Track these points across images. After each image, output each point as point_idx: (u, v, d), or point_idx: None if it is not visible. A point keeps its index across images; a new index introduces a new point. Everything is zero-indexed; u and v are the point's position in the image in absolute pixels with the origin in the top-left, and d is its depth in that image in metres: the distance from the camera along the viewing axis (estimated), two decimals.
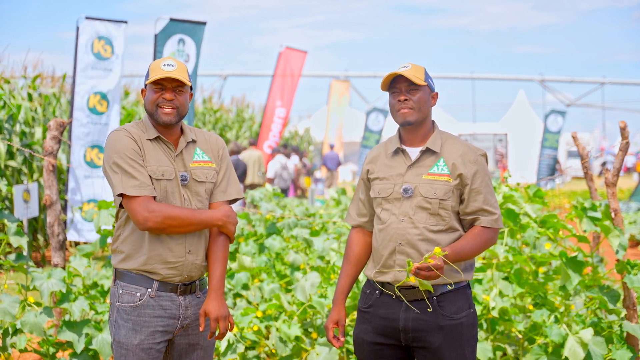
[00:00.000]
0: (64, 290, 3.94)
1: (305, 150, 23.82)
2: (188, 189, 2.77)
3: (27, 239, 3.90)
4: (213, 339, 2.87)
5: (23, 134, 10.07)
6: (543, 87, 26.44)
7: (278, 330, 4.08)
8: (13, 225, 3.91)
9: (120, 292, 2.75)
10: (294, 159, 17.82)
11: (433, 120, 2.91)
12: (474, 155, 2.83)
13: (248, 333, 4.10)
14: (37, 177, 9.95)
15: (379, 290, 2.84)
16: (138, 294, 2.73)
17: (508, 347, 4.23)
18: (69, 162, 8.00)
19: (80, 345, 3.90)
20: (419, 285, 2.58)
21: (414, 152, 2.86)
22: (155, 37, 8.40)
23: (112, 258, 2.82)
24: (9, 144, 9.25)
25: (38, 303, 4.02)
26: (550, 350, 3.87)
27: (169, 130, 2.79)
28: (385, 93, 2.89)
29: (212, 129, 19.46)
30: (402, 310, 2.79)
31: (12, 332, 3.94)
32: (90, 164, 7.93)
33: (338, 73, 24.13)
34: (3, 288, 4.00)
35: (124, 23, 8.17)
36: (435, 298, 2.77)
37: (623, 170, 28.87)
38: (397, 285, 2.74)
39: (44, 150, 4.68)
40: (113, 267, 2.81)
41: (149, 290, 2.72)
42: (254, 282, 4.71)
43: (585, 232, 4.00)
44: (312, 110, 31.43)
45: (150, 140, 2.75)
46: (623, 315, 3.98)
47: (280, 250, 5.20)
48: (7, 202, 9.19)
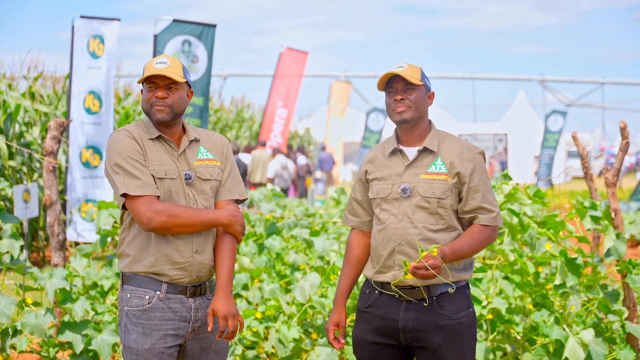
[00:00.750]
0: (68, 288, 3.91)
1: (306, 150, 23.81)
2: (193, 188, 2.72)
3: (22, 242, 3.88)
4: (226, 342, 2.82)
5: (22, 134, 10.07)
6: (543, 87, 26.44)
7: (277, 332, 4.07)
8: (8, 228, 3.89)
9: (129, 296, 2.69)
10: (302, 159, 17.87)
11: (430, 120, 2.91)
12: (471, 154, 2.82)
13: (247, 334, 4.10)
14: (36, 177, 9.95)
15: (378, 290, 2.84)
16: (147, 297, 2.67)
17: (508, 347, 4.23)
18: (68, 162, 8.00)
19: (80, 346, 3.88)
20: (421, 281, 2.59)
21: (412, 151, 2.85)
22: (155, 37, 8.38)
23: (118, 263, 2.76)
24: (9, 144, 9.24)
25: (36, 303, 4.02)
26: (552, 351, 3.86)
27: (170, 129, 2.75)
28: None
29: (212, 129, 19.46)
30: (401, 310, 2.79)
31: (12, 333, 3.93)
32: (86, 165, 7.93)
33: (338, 73, 24.12)
34: (1, 289, 3.99)
35: (117, 21, 8.16)
36: (435, 298, 2.76)
37: (629, 168, 28.86)
38: (393, 283, 2.74)
39: (44, 151, 4.68)
40: (120, 271, 2.76)
41: (158, 293, 2.67)
42: (254, 282, 4.71)
43: (589, 230, 4.00)
44: (312, 110, 31.44)
45: (152, 140, 2.71)
46: (625, 316, 3.97)
47: (280, 251, 5.20)
48: (7, 202, 9.18)
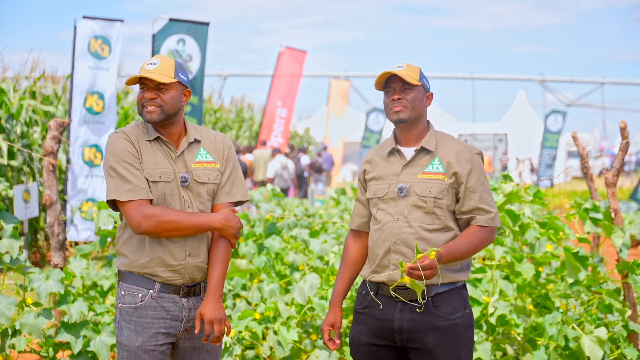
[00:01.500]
0: (62, 292, 3.92)
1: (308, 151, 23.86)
2: (189, 190, 2.71)
3: (21, 242, 3.88)
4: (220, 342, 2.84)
5: (23, 134, 10.07)
6: (543, 87, 26.45)
7: (275, 333, 4.07)
8: (9, 228, 3.88)
9: (123, 293, 2.72)
10: (305, 159, 17.91)
11: (428, 121, 2.91)
12: (469, 154, 2.82)
13: (246, 335, 4.09)
14: (37, 177, 9.94)
15: (374, 291, 2.84)
16: (140, 295, 2.69)
17: (508, 347, 4.22)
18: (69, 162, 8.00)
19: (78, 347, 3.89)
20: (411, 286, 2.56)
21: (409, 151, 2.85)
22: (153, 36, 8.39)
23: (115, 260, 2.79)
24: (10, 144, 9.24)
25: (37, 303, 4.01)
26: (566, 353, 3.84)
27: (169, 130, 2.73)
28: None
29: (212, 129, 19.46)
30: (396, 311, 2.78)
31: (11, 333, 3.92)
32: (89, 164, 7.93)
33: (338, 73, 24.15)
34: (1, 289, 3.99)
35: (120, 22, 8.17)
36: (430, 298, 2.75)
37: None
38: (392, 287, 2.73)
39: (44, 150, 4.68)
40: (117, 268, 2.78)
41: (151, 291, 2.69)
42: (254, 282, 4.71)
43: (588, 233, 3.99)
44: (312, 111, 31.47)
45: (150, 141, 2.70)
46: (627, 315, 3.97)
47: (280, 251, 5.19)
48: (7, 202, 9.18)
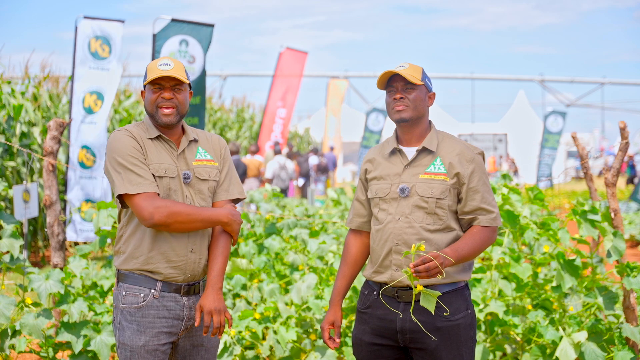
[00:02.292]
0: (62, 292, 3.93)
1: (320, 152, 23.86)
2: (191, 187, 2.76)
3: (22, 242, 3.88)
4: (217, 339, 2.85)
5: (23, 135, 10.07)
6: (543, 87, 26.47)
7: (275, 333, 4.07)
8: (9, 228, 3.89)
9: (124, 293, 2.73)
10: (313, 159, 17.94)
11: (430, 120, 2.91)
12: (471, 154, 2.82)
13: (246, 335, 4.10)
14: (36, 177, 9.95)
15: (377, 291, 2.84)
16: (142, 295, 2.71)
17: (508, 347, 4.23)
18: (68, 162, 8.01)
19: (79, 347, 3.89)
20: (424, 301, 2.51)
21: (411, 151, 2.85)
22: (154, 37, 8.38)
23: (114, 260, 2.80)
24: (9, 144, 9.24)
25: (36, 304, 4.02)
26: (548, 352, 3.86)
27: (171, 130, 2.79)
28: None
29: (212, 129, 19.47)
30: (399, 311, 2.78)
31: (11, 333, 3.93)
32: (82, 165, 7.93)
33: (338, 73, 24.17)
34: (1, 289, 3.99)
35: (121, 22, 8.17)
36: (442, 304, 2.73)
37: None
38: (392, 285, 2.73)
39: (44, 151, 4.68)
40: (115, 269, 2.79)
41: (153, 291, 2.70)
42: (254, 282, 4.71)
43: (582, 237, 4.00)
44: (311, 111, 31.49)
45: (152, 140, 2.75)
46: (622, 319, 3.97)
47: (280, 251, 5.20)
48: (7, 202, 9.18)
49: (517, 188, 4.46)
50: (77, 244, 9.15)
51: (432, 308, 2.52)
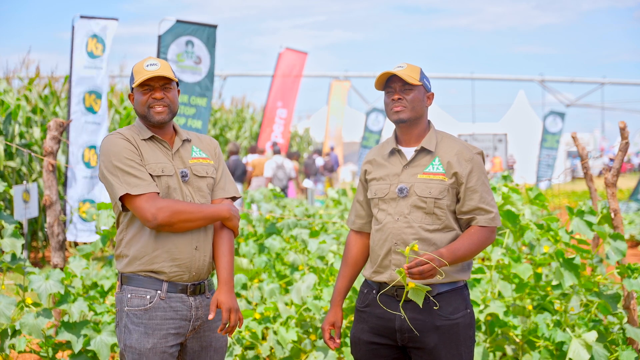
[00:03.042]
0: (62, 292, 3.92)
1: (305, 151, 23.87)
2: (189, 185, 2.75)
3: (23, 242, 3.88)
4: (225, 339, 2.84)
5: (22, 135, 10.07)
6: (543, 87, 26.46)
7: (275, 334, 4.07)
8: (10, 227, 3.89)
9: (129, 296, 2.69)
10: (319, 160, 17.97)
11: (429, 120, 2.91)
12: (470, 154, 2.82)
13: (246, 335, 4.09)
14: (35, 177, 9.95)
15: (376, 290, 2.84)
16: (148, 297, 2.67)
17: (508, 347, 4.23)
18: (68, 162, 8.00)
19: (79, 346, 3.89)
20: (414, 295, 2.55)
21: (410, 152, 2.85)
22: (159, 38, 8.36)
23: (116, 264, 2.77)
24: (8, 144, 9.24)
25: (36, 304, 4.02)
26: (556, 354, 3.85)
27: (163, 130, 2.79)
28: None
29: (211, 129, 19.46)
30: (398, 311, 2.78)
31: (11, 333, 3.93)
32: (87, 165, 7.92)
33: (338, 73, 24.16)
34: (1, 289, 3.99)
35: (114, 20, 8.16)
36: (432, 298, 2.75)
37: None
38: (392, 285, 2.74)
39: (44, 151, 4.68)
40: (118, 272, 2.76)
41: (159, 292, 2.68)
42: (254, 282, 4.71)
43: (572, 233, 4.00)
44: (311, 111, 31.44)
45: (145, 140, 2.74)
46: (625, 319, 3.97)
47: (280, 251, 5.20)
48: (6, 202, 9.18)
49: (517, 188, 4.46)
50: (76, 244, 9.15)
51: (420, 302, 2.54)
